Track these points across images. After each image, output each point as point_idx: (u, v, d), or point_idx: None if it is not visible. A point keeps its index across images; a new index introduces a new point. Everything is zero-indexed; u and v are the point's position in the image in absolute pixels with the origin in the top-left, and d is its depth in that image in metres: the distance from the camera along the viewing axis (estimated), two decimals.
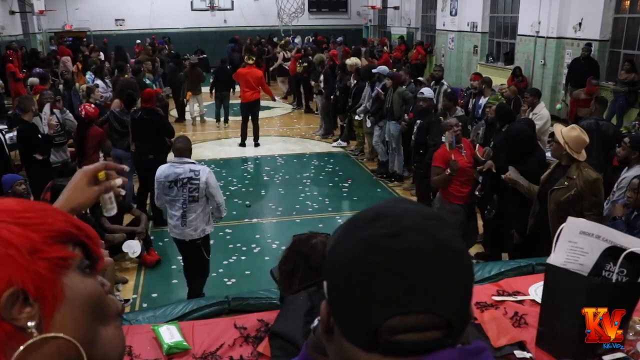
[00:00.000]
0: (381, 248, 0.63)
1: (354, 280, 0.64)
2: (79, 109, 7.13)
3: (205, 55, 17.13)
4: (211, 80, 11.83)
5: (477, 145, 5.65)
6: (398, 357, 0.63)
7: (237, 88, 11.62)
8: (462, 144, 4.92)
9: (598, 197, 3.75)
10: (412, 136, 6.56)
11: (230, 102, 12.04)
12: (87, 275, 0.66)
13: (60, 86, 10.37)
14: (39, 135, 6.11)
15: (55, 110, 6.79)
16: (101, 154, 6.39)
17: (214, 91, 11.70)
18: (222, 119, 11.90)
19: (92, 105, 6.85)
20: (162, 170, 4.36)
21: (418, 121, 6.46)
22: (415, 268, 0.62)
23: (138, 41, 18.44)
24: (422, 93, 6.57)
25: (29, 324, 0.59)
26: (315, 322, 0.88)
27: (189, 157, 4.37)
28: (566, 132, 3.78)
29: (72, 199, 1.24)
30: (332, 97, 9.95)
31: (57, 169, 5.80)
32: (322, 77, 10.85)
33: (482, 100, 7.49)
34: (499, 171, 4.58)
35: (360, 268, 0.64)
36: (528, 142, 4.47)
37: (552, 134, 4.79)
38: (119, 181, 1.30)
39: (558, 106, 10.73)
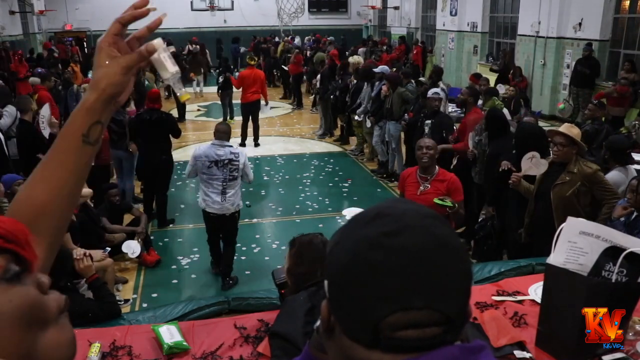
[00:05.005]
0: (382, 246, 0.64)
1: (354, 278, 0.65)
2: None
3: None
4: (220, 80, 11.80)
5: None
6: (398, 354, 0.64)
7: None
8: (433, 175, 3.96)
9: (605, 184, 3.75)
10: (425, 136, 6.28)
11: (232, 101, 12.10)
12: (15, 283, 0.58)
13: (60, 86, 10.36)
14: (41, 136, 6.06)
15: None
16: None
17: (220, 91, 11.76)
18: (228, 117, 12.04)
19: None
20: (202, 150, 4.77)
21: (428, 121, 6.41)
22: (415, 265, 0.63)
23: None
24: (437, 93, 6.67)
25: None
26: (319, 321, 0.88)
27: (228, 140, 4.83)
28: (573, 132, 3.79)
29: (98, 80, 0.92)
30: (331, 96, 9.94)
31: None
32: (318, 77, 10.85)
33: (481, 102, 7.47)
34: (502, 178, 4.43)
35: (361, 265, 0.65)
36: (544, 139, 4.25)
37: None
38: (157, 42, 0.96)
39: (561, 106, 10.71)
